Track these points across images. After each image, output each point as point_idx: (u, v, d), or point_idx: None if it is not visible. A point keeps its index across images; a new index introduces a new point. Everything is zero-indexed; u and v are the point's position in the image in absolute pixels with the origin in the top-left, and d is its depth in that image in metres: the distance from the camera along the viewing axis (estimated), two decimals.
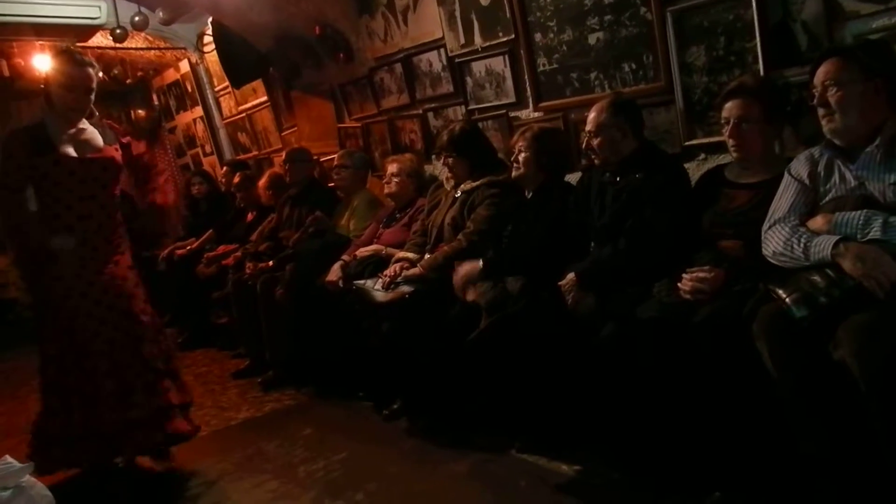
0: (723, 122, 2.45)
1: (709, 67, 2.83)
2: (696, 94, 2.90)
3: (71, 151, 2.87)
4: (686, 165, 2.87)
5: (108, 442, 2.89)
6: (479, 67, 3.83)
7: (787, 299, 1.91)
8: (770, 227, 2.15)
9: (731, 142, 2.44)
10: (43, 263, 2.88)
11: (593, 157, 2.83)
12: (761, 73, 2.61)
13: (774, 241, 2.10)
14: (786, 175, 2.23)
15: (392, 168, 3.96)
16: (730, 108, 2.42)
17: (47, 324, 2.93)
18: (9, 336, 5.97)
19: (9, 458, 2.04)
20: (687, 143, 2.97)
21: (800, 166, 2.21)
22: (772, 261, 2.11)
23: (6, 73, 6.26)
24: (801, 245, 2.02)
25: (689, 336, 2.15)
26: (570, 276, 2.68)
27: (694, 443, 2.24)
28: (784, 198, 2.18)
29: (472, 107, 3.95)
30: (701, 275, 2.25)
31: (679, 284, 2.29)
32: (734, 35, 2.72)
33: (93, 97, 2.93)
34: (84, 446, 2.87)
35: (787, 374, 1.95)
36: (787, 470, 2.08)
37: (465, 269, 3.02)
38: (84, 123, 2.97)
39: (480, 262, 2.98)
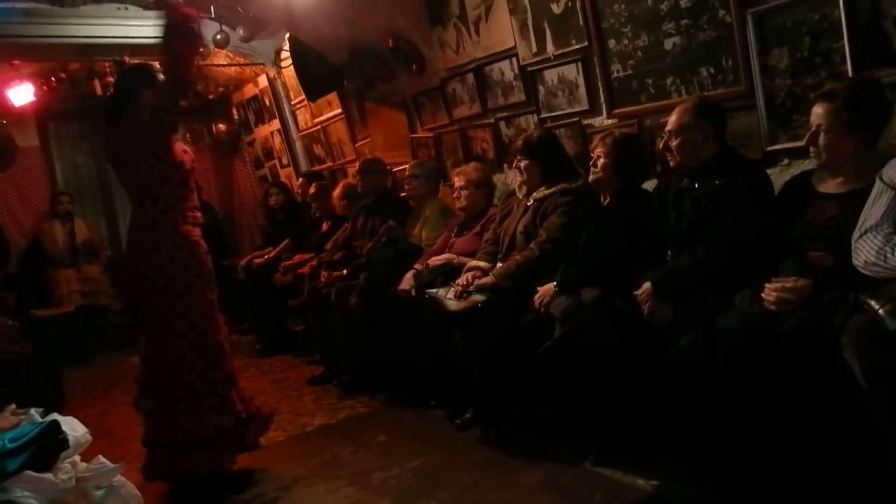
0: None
1: (793, 70, 2.73)
2: (779, 97, 2.80)
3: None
4: (769, 171, 2.77)
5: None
6: (551, 75, 3.82)
7: (881, 310, 1.83)
8: (861, 236, 2.05)
9: (811, 149, 2.35)
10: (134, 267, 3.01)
11: (669, 158, 2.78)
12: (850, 74, 2.50)
13: (866, 251, 2.00)
14: (877, 182, 2.12)
15: (459, 181, 3.95)
16: (814, 114, 2.32)
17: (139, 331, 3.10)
18: (99, 341, 6.28)
19: (101, 458, 2.14)
20: (769, 148, 2.87)
21: (893, 172, 2.10)
22: (863, 271, 2.02)
23: (99, 91, 6.61)
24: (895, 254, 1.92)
25: (774, 347, 2.07)
26: (647, 284, 2.62)
27: (778, 458, 2.16)
28: (876, 206, 2.08)
29: (544, 115, 3.93)
30: (788, 284, 2.17)
31: (763, 294, 2.21)
32: (820, 35, 2.62)
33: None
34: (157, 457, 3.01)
35: (880, 387, 1.86)
36: (878, 487, 1.97)
37: (543, 292, 2.99)
38: None
39: (553, 285, 2.96)
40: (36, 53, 5.60)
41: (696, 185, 2.69)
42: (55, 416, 2.30)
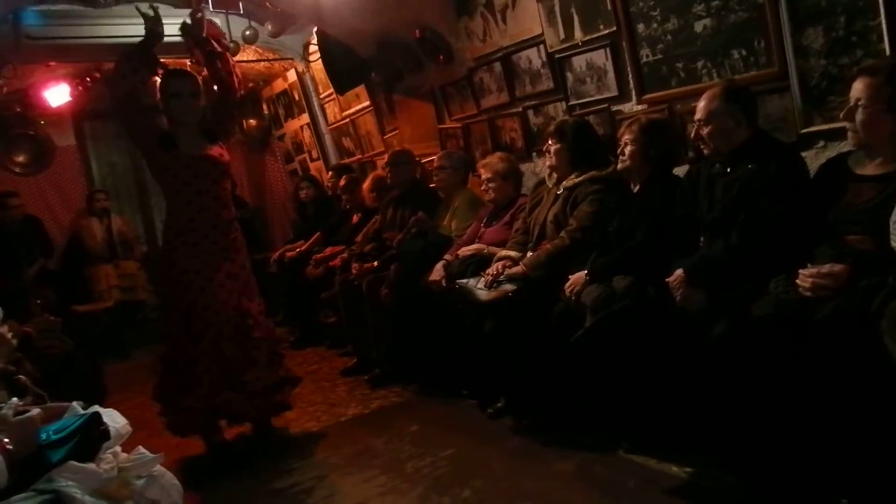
0: None
1: (828, 50, 2.67)
2: (813, 78, 2.74)
3: (186, 149, 3.28)
4: (804, 154, 2.71)
5: (210, 416, 3.37)
6: (579, 62, 3.78)
7: None
8: None
9: (847, 125, 2.29)
10: (170, 259, 3.33)
11: (702, 146, 2.73)
12: (887, 52, 2.43)
13: None
14: None
15: (485, 174, 3.94)
16: (854, 88, 2.26)
17: (170, 308, 3.43)
18: (138, 335, 6.39)
19: (141, 449, 2.18)
20: (804, 131, 2.81)
21: None
22: None
23: None
24: None
25: (811, 334, 2.03)
26: (679, 272, 2.59)
27: (816, 447, 2.12)
28: None
29: (572, 102, 3.90)
30: (824, 270, 2.12)
31: (798, 281, 2.17)
32: (856, 13, 2.55)
33: (199, 101, 3.34)
34: (190, 417, 3.35)
35: None
36: None
37: (573, 281, 2.98)
38: (197, 127, 3.36)
39: (584, 274, 2.94)
40: (70, 54, 5.70)
41: (729, 170, 2.65)
42: (96, 407, 2.35)
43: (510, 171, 3.93)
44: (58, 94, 6.42)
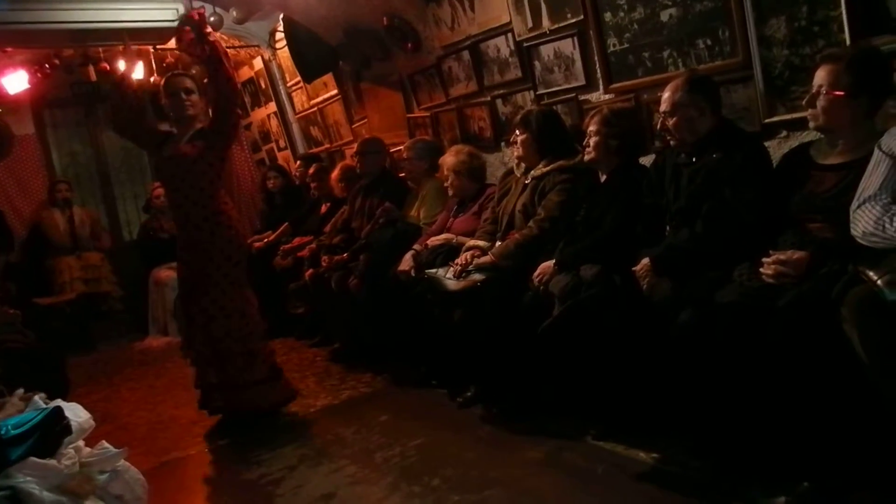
0: None
1: (790, 39, 2.70)
2: (776, 68, 2.78)
3: (168, 149, 3.50)
4: (767, 144, 2.75)
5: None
6: (547, 51, 3.78)
7: (879, 281, 1.82)
8: (859, 206, 2.04)
9: (808, 111, 2.32)
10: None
11: (669, 138, 2.75)
12: (847, 42, 2.47)
13: (864, 221, 1.99)
14: (876, 150, 2.10)
15: (444, 170, 3.95)
16: (817, 76, 2.29)
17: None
18: (102, 328, 6.30)
19: (105, 444, 2.15)
20: (767, 121, 2.85)
21: (892, 141, 2.08)
22: (861, 241, 2.01)
23: (93, 77, 6.56)
24: (894, 224, 1.91)
25: (773, 321, 2.07)
26: (645, 261, 2.61)
27: (779, 431, 2.16)
28: (874, 175, 2.06)
29: (540, 91, 3.90)
30: (784, 257, 2.16)
31: (761, 269, 2.21)
32: (817, 4, 2.59)
33: (192, 97, 3.53)
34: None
35: (879, 358, 1.85)
36: (880, 459, 1.98)
37: (541, 269, 2.99)
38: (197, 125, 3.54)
39: (552, 263, 2.95)
40: (29, 40, 5.55)
41: (694, 160, 2.68)
42: (59, 402, 2.31)
43: (465, 167, 3.88)
44: (16, 81, 6.24)
